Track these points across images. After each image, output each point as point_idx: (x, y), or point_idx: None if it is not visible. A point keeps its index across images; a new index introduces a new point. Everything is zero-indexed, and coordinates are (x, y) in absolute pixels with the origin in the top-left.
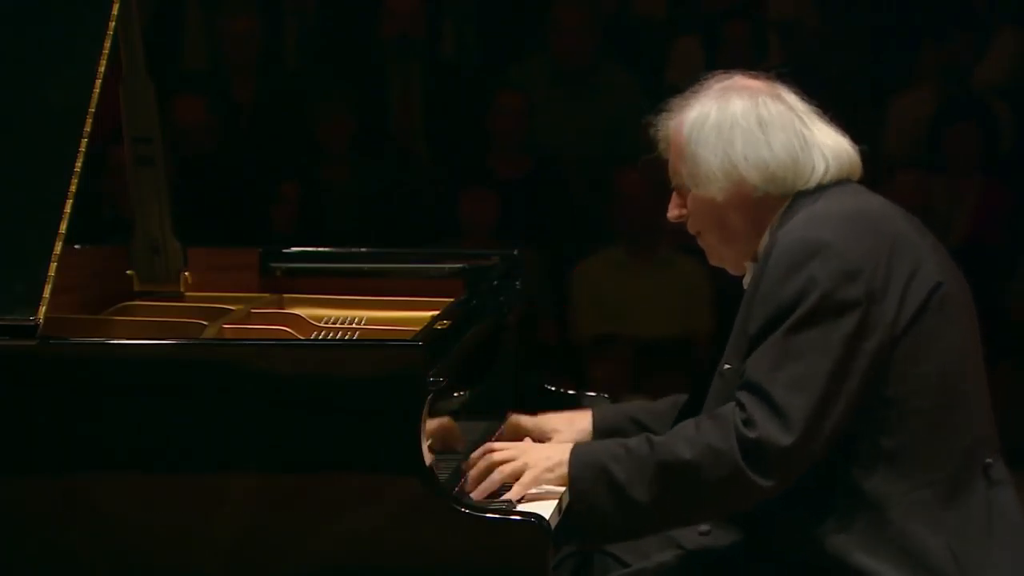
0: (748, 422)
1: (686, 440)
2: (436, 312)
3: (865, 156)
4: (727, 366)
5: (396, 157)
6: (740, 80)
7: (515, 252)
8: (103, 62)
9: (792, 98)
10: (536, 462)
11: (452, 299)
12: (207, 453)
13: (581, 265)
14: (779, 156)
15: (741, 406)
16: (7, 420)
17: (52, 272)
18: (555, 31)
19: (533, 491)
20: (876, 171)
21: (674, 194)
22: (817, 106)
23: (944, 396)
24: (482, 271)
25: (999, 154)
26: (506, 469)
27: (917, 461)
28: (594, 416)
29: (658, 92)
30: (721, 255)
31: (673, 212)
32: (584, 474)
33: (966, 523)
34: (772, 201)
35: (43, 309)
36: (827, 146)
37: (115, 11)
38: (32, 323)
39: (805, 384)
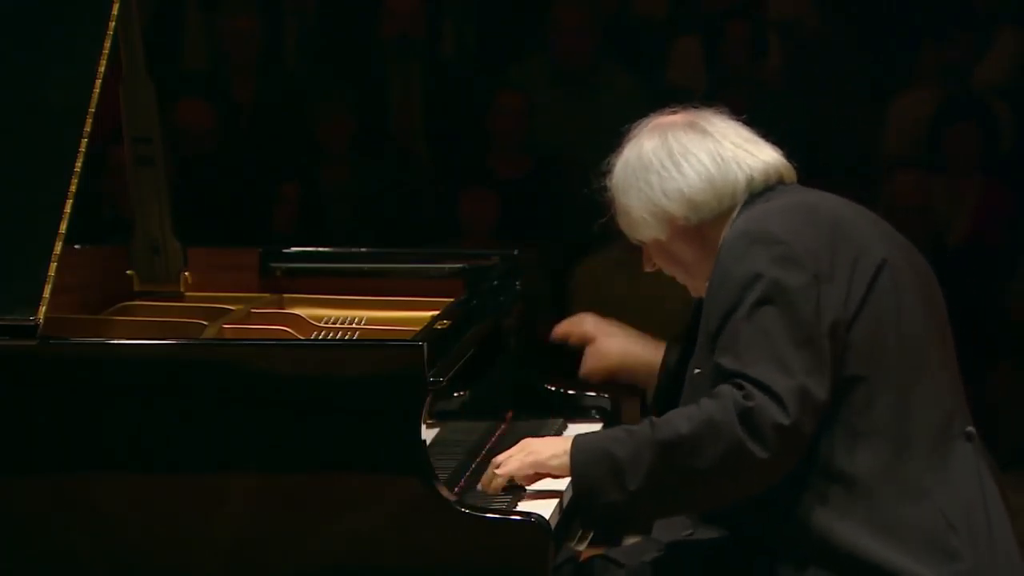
0: (747, 396)
1: (686, 417)
2: (436, 312)
3: (794, 163)
4: (696, 370)
5: (396, 157)
6: (655, 120)
7: (515, 252)
8: (103, 62)
9: (713, 122)
10: (538, 451)
11: (452, 299)
12: (207, 453)
13: (581, 265)
14: (693, 182)
15: (738, 385)
16: (7, 420)
17: (52, 272)
18: (555, 31)
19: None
20: (876, 171)
21: (643, 249)
22: (746, 122)
23: (910, 370)
24: (482, 271)
25: (999, 154)
26: (511, 463)
27: (895, 436)
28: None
29: (658, 92)
30: (694, 287)
31: (646, 267)
32: (586, 458)
33: (957, 490)
34: (713, 223)
35: (43, 309)
36: (745, 159)
37: (115, 11)
38: (32, 323)
39: (783, 363)
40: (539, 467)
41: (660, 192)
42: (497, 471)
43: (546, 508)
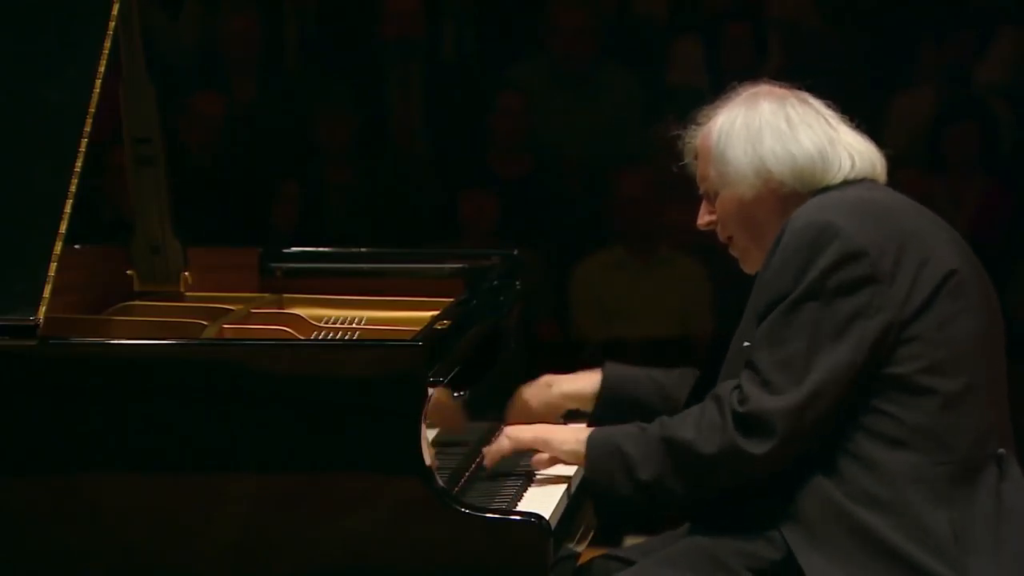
0: (742, 400)
1: (691, 419)
2: (436, 312)
3: (891, 161)
4: (745, 343)
5: (396, 157)
6: (767, 87)
7: (515, 252)
8: (103, 62)
9: (819, 104)
10: (553, 435)
11: (452, 299)
12: (207, 453)
13: (581, 265)
14: (807, 150)
15: (739, 386)
16: (7, 420)
17: (52, 272)
18: (555, 31)
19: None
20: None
21: (704, 202)
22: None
23: (958, 380)
24: (482, 271)
25: (999, 154)
26: (525, 437)
27: (927, 441)
28: (604, 371)
29: (658, 92)
30: (754, 258)
31: (703, 219)
32: (599, 451)
33: (972, 506)
34: (798, 197)
35: (43, 309)
36: (853, 145)
37: (115, 11)
38: (32, 323)
39: (796, 362)
40: (548, 447)
41: (770, 151)
42: (507, 436)
43: (546, 508)
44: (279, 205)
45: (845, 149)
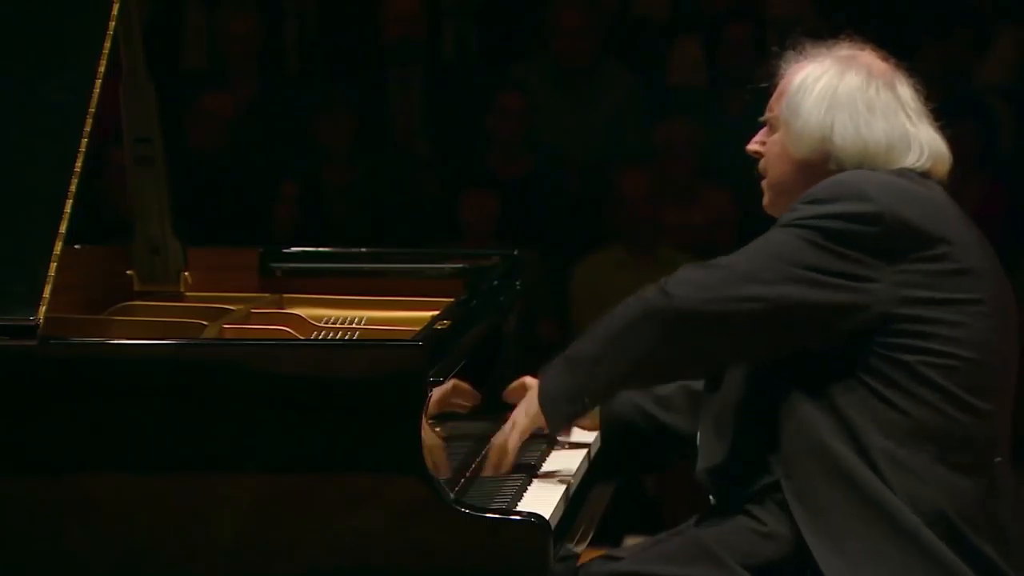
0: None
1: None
2: (436, 312)
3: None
4: None
5: (396, 157)
6: (865, 56)
7: (515, 252)
8: (103, 62)
9: (905, 92)
10: (516, 418)
11: (452, 299)
12: (207, 453)
13: (581, 265)
14: (877, 138)
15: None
16: (7, 420)
17: (52, 272)
18: (555, 31)
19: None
20: None
21: (762, 129)
22: (928, 108)
23: (965, 382)
24: (482, 271)
25: (999, 154)
26: (497, 440)
27: (924, 430)
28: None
29: (658, 92)
30: (770, 200)
31: (752, 145)
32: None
33: (965, 487)
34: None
35: (43, 309)
36: (925, 141)
37: (115, 11)
38: (32, 323)
39: (720, 262)
40: (522, 435)
41: (841, 126)
42: (508, 445)
43: (546, 508)
44: (279, 205)
45: (917, 142)
